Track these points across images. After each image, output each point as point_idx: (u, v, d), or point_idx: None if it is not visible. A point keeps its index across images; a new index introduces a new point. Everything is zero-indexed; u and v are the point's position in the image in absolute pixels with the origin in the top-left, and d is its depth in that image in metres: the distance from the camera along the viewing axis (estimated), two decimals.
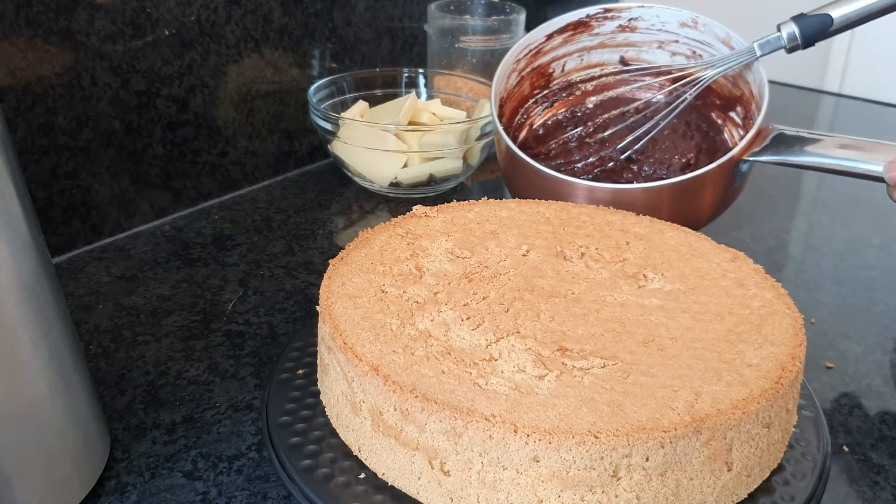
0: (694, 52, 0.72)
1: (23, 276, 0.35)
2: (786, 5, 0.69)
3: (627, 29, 0.75)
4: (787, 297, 0.45)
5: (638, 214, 0.54)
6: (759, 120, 0.62)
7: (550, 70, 0.76)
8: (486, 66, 0.85)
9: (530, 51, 0.75)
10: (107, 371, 0.51)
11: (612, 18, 0.75)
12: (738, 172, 0.62)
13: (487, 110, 0.76)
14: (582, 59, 0.76)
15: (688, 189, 0.62)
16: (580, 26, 0.76)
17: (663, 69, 0.74)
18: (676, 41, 0.72)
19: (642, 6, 0.74)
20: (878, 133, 0.91)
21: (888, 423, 0.47)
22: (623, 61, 0.75)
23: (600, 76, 0.77)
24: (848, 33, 1.04)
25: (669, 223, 0.53)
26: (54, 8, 0.59)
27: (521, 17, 0.86)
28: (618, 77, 0.77)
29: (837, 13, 0.59)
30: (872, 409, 0.48)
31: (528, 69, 0.75)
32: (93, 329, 0.55)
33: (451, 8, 0.87)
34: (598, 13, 0.75)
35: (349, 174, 0.77)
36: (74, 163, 0.63)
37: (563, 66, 0.76)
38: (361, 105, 0.78)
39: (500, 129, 0.67)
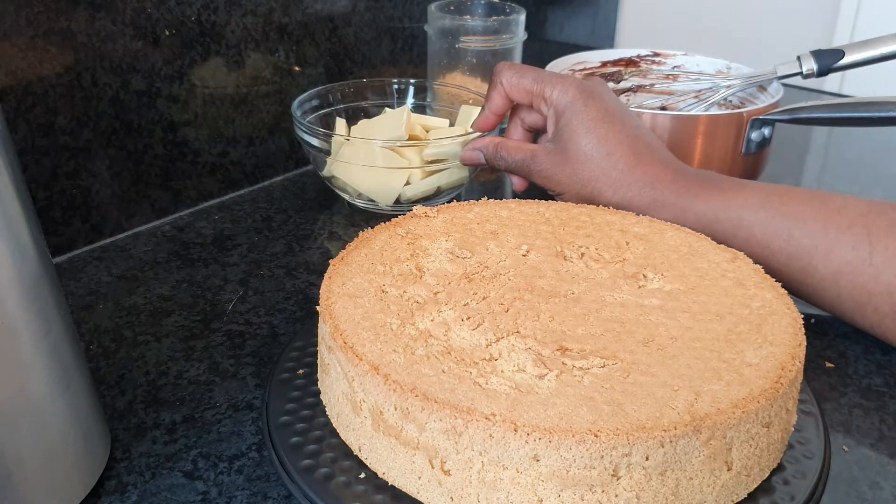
0: (727, 101, 0.81)
1: (23, 276, 0.35)
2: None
3: (670, 77, 0.85)
4: (787, 297, 0.45)
5: (638, 215, 0.54)
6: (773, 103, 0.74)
7: None
8: (486, 66, 0.85)
9: (584, 69, 0.85)
10: (107, 371, 0.51)
11: (658, 63, 0.87)
12: (749, 140, 0.72)
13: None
14: (627, 101, 0.84)
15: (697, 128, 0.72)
16: (630, 64, 0.87)
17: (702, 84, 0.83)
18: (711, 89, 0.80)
19: (685, 54, 0.87)
20: (878, 134, 0.91)
21: (888, 423, 0.47)
22: (664, 108, 0.82)
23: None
24: (848, 33, 1.07)
25: (669, 223, 0.53)
26: (54, 8, 0.59)
27: (521, 18, 0.86)
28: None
29: (849, 51, 0.70)
30: (872, 409, 0.48)
31: None
32: (93, 329, 0.55)
33: (451, 8, 0.87)
34: (648, 55, 0.87)
35: (345, 197, 0.73)
36: (75, 163, 0.63)
37: None
38: (340, 123, 0.75)
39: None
